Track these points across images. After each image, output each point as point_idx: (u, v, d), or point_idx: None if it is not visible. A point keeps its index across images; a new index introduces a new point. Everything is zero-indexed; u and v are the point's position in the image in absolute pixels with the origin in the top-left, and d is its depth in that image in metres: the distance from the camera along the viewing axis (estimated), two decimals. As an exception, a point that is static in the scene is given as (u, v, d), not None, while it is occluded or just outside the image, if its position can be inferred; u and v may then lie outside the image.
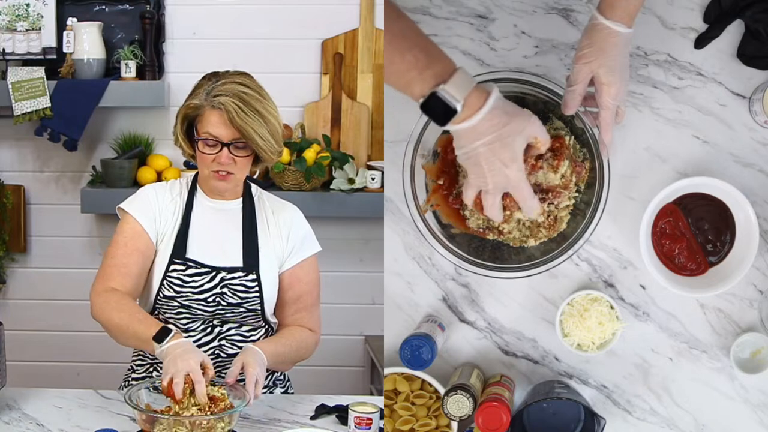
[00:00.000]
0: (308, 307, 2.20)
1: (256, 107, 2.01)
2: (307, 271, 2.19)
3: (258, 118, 2.00)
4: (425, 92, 1.50)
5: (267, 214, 2.18)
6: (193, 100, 2.04)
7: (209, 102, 2.01)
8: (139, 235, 2.08)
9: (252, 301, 2.10)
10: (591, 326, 1.82)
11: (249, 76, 2.08)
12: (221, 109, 1.99)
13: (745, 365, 1.84)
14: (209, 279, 2.08)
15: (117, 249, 2.08)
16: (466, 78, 1.51)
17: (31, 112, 3.18)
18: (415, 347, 1.75)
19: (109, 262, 2.07)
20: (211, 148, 2.03)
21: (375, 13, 3.39)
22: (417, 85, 1.51)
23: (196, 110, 2.03)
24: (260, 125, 2.01)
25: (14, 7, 3.24)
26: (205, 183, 2.14)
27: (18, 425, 1.92)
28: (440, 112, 1.51)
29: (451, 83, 1.49)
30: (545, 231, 1.77)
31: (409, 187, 1.76)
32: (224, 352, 2.12)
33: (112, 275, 2.04)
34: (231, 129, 2.01)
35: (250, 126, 1.99)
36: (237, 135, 2.01)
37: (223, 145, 2.02)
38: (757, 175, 1.85)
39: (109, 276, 2.05)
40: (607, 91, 1.65)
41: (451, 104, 1.50)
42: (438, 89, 1.49)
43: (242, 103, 1.99)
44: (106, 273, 2.06)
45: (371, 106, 3.42)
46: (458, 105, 1.50)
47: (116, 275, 2.04)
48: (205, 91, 2.02)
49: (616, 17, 1.61)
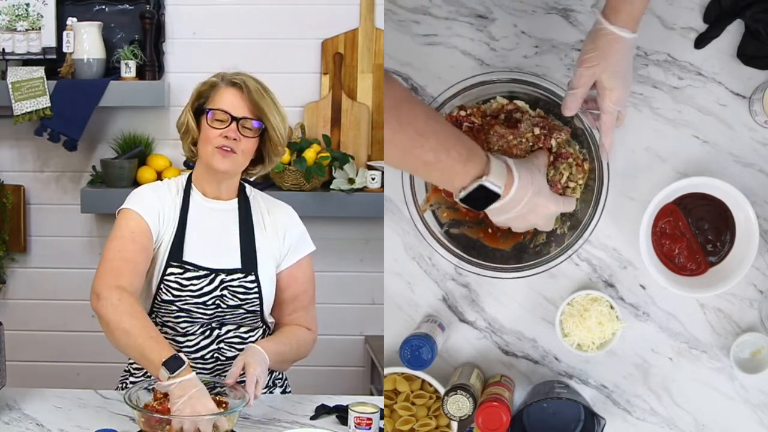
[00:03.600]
0: (305, 306, 2.21)
1: (270, 95, 2.09)
2: (303, 271, 2.20)
3: (272, 103, 2.08)
4: (467, 184, 1.57)
5: (263, 213, 2.18)
6: (210, 78, 2.10)
7: (227, 80, 2.08)
8: (145, 233, 2.04)
9: (251, 303, 2.10)
10: (591, 326, 1.82)
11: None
12: (239, 86, 2.06)
13: (745, 365, 1.84)
14: (208, 282, 2.07)
15: (126, 244, 2.01)
16: (499, 164, 1.60)
17: (31, 112, 3.18)
18: (415, 347, 1.75)
19: (118, 256, 1.99)
20: (220, 122, 2.04)
21: (375, 13, 3.39)
22: (459, 179, 1.58)
23: (211, 89, 2.08)
24: (274, 109, 2.08)
25: (14, 7, 3.23)
26: (201, 179, 2.12)
27: (18, 425, 1.92)
28: (483, 200, 1.60)
29: (493, 173, 1.57)
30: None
31: (409, 187, 1.77)
32: (223, 355, 2.12)
33: (123, 271, 1.96)
34: (244, 106, 2.05)
35: (266, 105, 2.06)
36: (250, 113, 2.05)
37: (233, 119, 2.04)
38: (757, 175, 1.85)
39: (119, 272, 1.96)
40: (610, 96, 1.65)
41: (496, 191, 1.58)
42: (483, 181, 1.57)
43: (260, 85, 2.08)
44: (117, 267, 1.97)
45: (371, 106, 3.42)
46: (500, 190, 1.58)
47: (126, 272, 1.97)
48: (220, 76, 2.10)
49: (621, 22, 1.61)
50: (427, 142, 1.50)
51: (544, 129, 1.74)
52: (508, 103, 1.79)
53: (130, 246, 2.01)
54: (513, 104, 1.78)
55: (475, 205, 1.61)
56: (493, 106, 1.79)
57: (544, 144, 1.73)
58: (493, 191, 1.58)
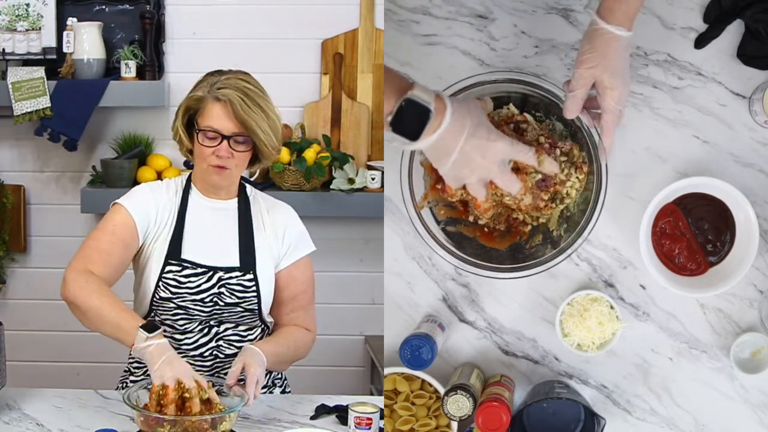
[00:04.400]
0: (304, 307, 2.21)
1: (258, 102, 2.04)
2: (303, 271, 2.20)
3: (260, 112, 2.03)
4: (393, 108, 1.51)
5: (262, 213, 2.18)
6: (196, 92, 2.06)
7: (212, 94, 2.03)
8: (128, 228, 2.06)
9: (249, 301, 2.10)
10: (591, 326, 1.82)
11: (250, 75, 2.10)
12: (224, 102, 2.01)
13: (745, 365, 1.84)
14: (206, 279, 2.07)
15: (103, 234, 2.05)
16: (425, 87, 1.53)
17: (31, 112, 3.18)
18: (415, 347, 1.75)
19: (92, 245, 2.03)
20: (211, 140, 2.03)
21: (375, 13, 3.39)
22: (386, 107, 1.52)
23: (199, 102, 2.05)
24: (262, 119, 2.03)
25: (14, 7, 3.23)
26: (200, 180, 2.13)
27: (18, 425, 1.92)
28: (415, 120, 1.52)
29: (418, 88, 1.51)
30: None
31: (407, 187, 1.76)
32: (222, 353, 2.12)
33: (93, 259, 2.00)
34: (232, 122, 2.02)
35: (252, 119, 2.01)
36: (238, 129, 2.02)
37: (223, 137, 2.02)
38: (757, 175, 1.85)
39: (90, 259, 2.00)
40: (611, 95, 1.65)
41: (426, 106, 1.51)
42: (409, 95, 1.51)
43: (245, 97, 2.02)
44: (87, 255, 2.01)
45: (371, 106, 3.42)
46: (430, 105, 1.51)
47: (97, 260, 2.00)
48: (208, 84, 2.05)
49: (616, 21, 1.61)
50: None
51: (549, 139, 1.74)
52: (519, 114, 1.79)
53: (108, 237, 2.04)
54: (523, 116, 1.78)
55: (408, 130, 1.53)
56: (504, 112, 1.80)
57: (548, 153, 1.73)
58: (423, 106, 1.51)
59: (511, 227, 1.82)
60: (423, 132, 1.53)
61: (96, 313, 1.91)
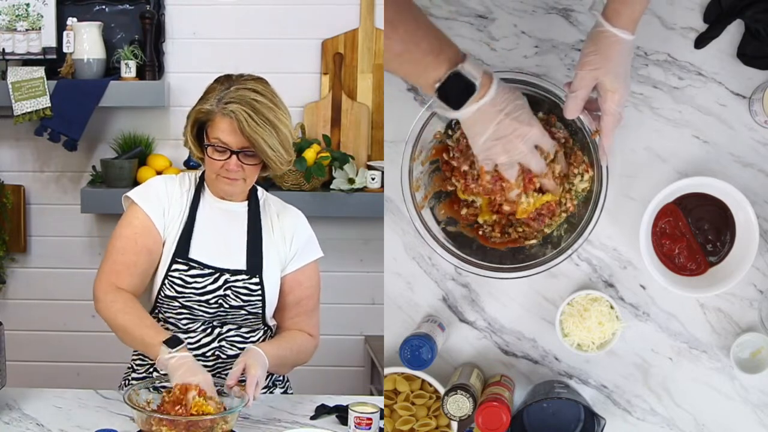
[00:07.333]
0: (308, 312, 2.20)
1: (268, 116, 1.98)
2: (309, 276, 2.19)
3: (269, 128, 1.97)
4: (442, 76, 1.54)
5: (272, 217, 2.17)
6: (204, 105, 2.01)
7: (220, 108, 1.97)
8: (149, 232, 2.06)
9: (254, 304, 2.10)
10: (591, 326, 1.82)
11: (263, 82, 2.04)
12: (231, 117, 1.96)
13: (745, 365, 1.84)
14: (212, 281, 2.07)
15: (126, 244, 2.05)
16: (476, 60, 1.57)
17: (31, 112, 3.18)
18: (415, 347, 1.75)
19: (117, 258, 2.05)
20: (220, 154, 2.01)
21: (375, 13, 3.39)
22: (432, 71, 1.54)
23: (207, 115, 2.01)
24: (270, 135, 1.98)
25: (14, 7, 3.24)
26: (212, 184, 2.13)
27: (18, 425, 1.92)
28: (460, 91, 1.55)
29: (469, 62, 1.55)
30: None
31: (407, 187, 1.76)
32: (224, 353, 2.12)
33: (121, 273, 2.03)
34: (241, 137, 1.98)
35: (260, 136, 1.96)
36: (246, 143, 1.98)
37: (232, 152, 2.00)
38: (757, 175, 1.85)
39: (117, 273, 2.03)
40: (612, 98, 1.65)
41: (472, 80, 1.54)
42: (459, 68, 1.54)
43: (253, 112, 1.96)
44: (115, 269, 2.04)
45: (371, 106, 3.42)
46: (477, 81, 1.55)
47: (125, 273, 2.03)
48: (216, 96, 1.99)
49: (622, 24, 1.61)
50: (395, 32, 1.49)
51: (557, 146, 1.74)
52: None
53: (132, 246, 2.06)
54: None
55: (452, 100, 1.57)
56: None
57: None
58: (470, 81, 1.55)
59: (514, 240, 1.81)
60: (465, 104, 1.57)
61: (122, 330, 2.00)
